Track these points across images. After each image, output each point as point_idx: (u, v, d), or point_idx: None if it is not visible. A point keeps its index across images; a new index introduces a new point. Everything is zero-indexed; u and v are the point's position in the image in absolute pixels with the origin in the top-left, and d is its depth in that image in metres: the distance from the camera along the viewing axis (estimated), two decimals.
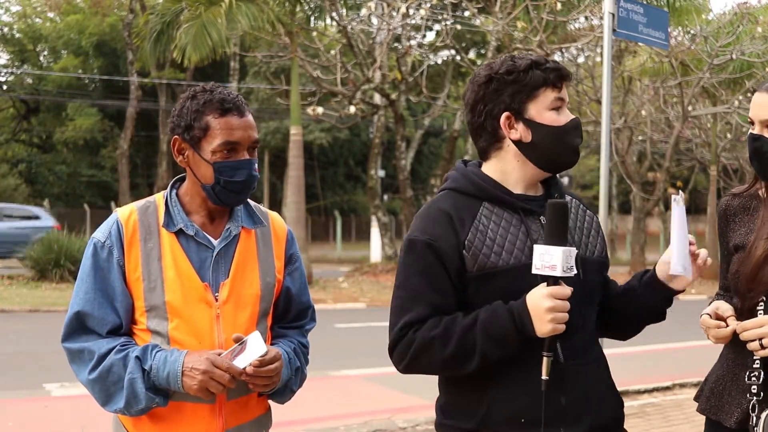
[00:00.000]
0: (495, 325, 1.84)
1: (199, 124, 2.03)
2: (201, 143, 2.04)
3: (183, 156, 2.09)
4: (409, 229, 1.98)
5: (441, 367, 1.93)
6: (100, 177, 35.47)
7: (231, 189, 2.04)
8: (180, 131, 2.06)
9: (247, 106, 2.10)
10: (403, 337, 1.92)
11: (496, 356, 1.85)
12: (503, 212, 1.94)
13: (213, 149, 2.02)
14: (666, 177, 23.17)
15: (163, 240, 2.06)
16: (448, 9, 16.88)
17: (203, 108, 2.03)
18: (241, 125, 2.04)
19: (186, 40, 15.67)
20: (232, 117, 2.03)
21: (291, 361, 2.14)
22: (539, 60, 1.95)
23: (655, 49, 15.44)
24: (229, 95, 2.06)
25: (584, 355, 1.96)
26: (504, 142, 1.96)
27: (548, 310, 1.78)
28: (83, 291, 2.06)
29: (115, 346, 2.00)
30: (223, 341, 2.04)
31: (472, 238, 1.90)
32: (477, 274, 1.88)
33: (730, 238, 2.34)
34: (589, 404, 1.93)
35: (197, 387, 1.93)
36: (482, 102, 1.96)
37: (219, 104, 2.03)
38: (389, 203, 37.14)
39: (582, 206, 2.10)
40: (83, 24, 34.95)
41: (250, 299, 2.10)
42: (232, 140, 2.02)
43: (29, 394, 6.94)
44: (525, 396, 1.87)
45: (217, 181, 2.03)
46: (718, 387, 2.34)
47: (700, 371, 9.27)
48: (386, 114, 21.08)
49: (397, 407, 6.65)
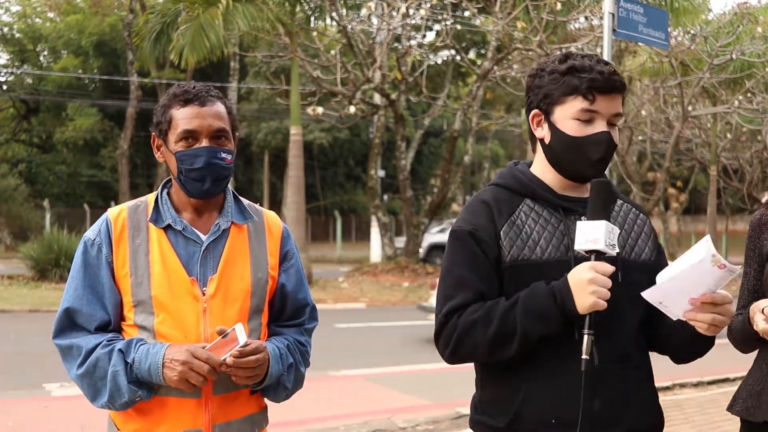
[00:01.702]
0: (535, 301, 1.84)
1: (165, 118, 2.09)
2: (168, 136, 2.09)
3: (159, 152, 2.15)
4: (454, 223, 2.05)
5: (485, 351, 1.90)
6: (100, 177, 35.47)
7: (192, 177, 2.06)
8: (154, 128, 2.13)
9: (218, 97, 2.12)
10: (446, 323, 1.92)
11: (536, 334, 1.84)
12: (544, 210, 1.97)
13: (175, 139, 2.07)
14: (666, 177, 23.14)
15: (151, 235, 2.09)
16: (448, 9, 16.89)
17: (169, 102, 2.09)
18: (200, 114, 2.06)
19: (184, 42, 15.69)
20: (192, 107, 2.06)
21: (282, 357, 2.12)
22: (582, 65, 1.91)
23: (655, 49, 15.44)
24: (194, 88, 2.10)
25: (623, 360, 1.92)
26: (537, 140, 2.03)
27: (590, 281, 1.77)
28: (73, 288, 2.09)
29: (102, 341, 2.02)
30: (210, 335, 2.04)
31: (507, 230, 1.94)
32: (510, 264, 1.92)
33: (765, 245, 2.40)
34: (625, 410, 1.91)
35: (177, 378, 1.93)
36: (527, 94, 2.03)
37: (182, 95, 2.08)
38: (389, 203, 37.13)
39: (634, 209, 2.08)
40: (83, 24, 34.96)
41: (240, 294, 2.10)
42: (190, 128, 2.05)
43: (29, 394, 6.94)
44: (558, 396, 1.87)
45: (180, 170, 2.07)
46: (756, 388, 2.39)
47: (700, 371, 9.25)
48: (386, 114, 21.08)
49: (397, 407, 6.65)
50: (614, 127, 1.94)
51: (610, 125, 1.93)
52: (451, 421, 6.16)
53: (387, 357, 9.15)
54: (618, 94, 1.93)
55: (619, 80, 1.92)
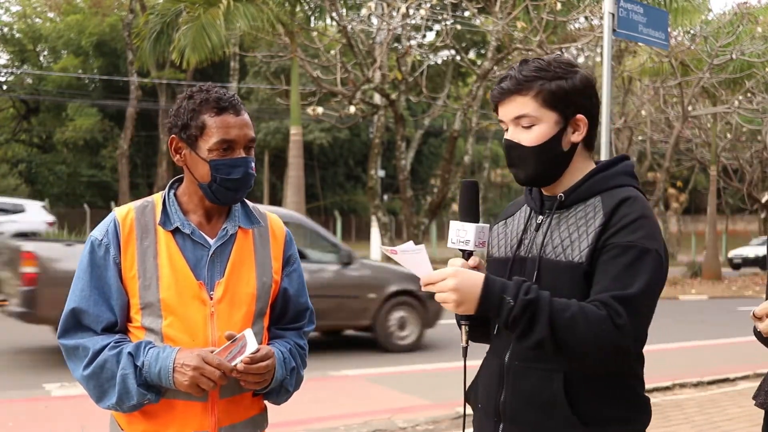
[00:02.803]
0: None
1: (196, 123, 2.05)
2: (198, 142, 2.06)
3: (180, 155, 2.11)
4: None
5: None
6: (100, 177, 35.50)
7: (227, 187, 2.07)
8: (177, 131, 2.09)
9: (244, 105, 2.13)
10: None
11: None
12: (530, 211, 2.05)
13: (209, 147, 2.05)
14: (666, 177, 23.14)
15: (160, 238, 2.08)
16: (448, 9, 16.88)
17: (200, 107, 2.06)
18: (237, 123, 2.06)
19: (185, 42, 15.68)
20: (228, 115, 2.06)
21: (286, 361, 2.14)
22: (503, 75, 1.97)
23: (655, 49, 15.45)
24: (225, 94, 2.08)
25: (535, 360, 1.89)
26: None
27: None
28: (79, 288, 2.08)
29: (110, 342, 2.02)
30: (217, 339, 2.05)
31: (494, 232, 2.10)
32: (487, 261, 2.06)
33: None
34: (531, 410, 1.90)
35: (188, 383, 1.94)
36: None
37: (215, 103, 2.06)
38: (389, 203, 37.15)
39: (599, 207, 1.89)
40: (83, 24, 35.00)
41: (246, 298, 2.11)
42: (228, 138, 2.05)
43: (29, 394, 6.94)
44: (484, 386, 2.03)
45: (214, 179, 2.06)
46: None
47: (700, 371, 9.23)
48: (386, 114, 21.07)
49: (397, 407, 6.65)
50: (520, 128, 1.93)
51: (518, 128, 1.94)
52: (451, 421, 6.16)
53: (387, 357, 9.15)
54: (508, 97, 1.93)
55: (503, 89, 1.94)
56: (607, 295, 1.77)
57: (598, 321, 1.74)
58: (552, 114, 1.89)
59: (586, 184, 1.94)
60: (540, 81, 1.88)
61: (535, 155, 1.91)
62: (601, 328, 1.73)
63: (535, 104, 1.89)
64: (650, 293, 1.79)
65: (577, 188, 1.94)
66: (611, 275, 1.79)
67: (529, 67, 1.91)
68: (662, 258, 1.84)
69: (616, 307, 1.74)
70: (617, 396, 1.89)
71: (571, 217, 1.92)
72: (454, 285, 1.78)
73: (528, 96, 1.90)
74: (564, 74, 1.90)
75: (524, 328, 1.77)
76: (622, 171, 1.97)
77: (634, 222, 1.83)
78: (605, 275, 1.80)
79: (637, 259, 1.79)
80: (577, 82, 1.90)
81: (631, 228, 1.82)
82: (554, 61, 1.93)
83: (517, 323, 1.77)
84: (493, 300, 1.78)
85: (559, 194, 1.94)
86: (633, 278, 1.78)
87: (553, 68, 1.90)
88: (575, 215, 1.92)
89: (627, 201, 1.87)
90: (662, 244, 1.86)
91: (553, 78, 1.89)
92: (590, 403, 1.86)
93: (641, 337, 1.81)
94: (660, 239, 1.86)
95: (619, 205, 1.86)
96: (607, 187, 1.92)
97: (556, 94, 1.88)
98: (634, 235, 1.81)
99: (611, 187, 1.92)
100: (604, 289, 1.79)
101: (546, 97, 1.89)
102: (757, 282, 22.86)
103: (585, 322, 1.74)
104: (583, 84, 1.92)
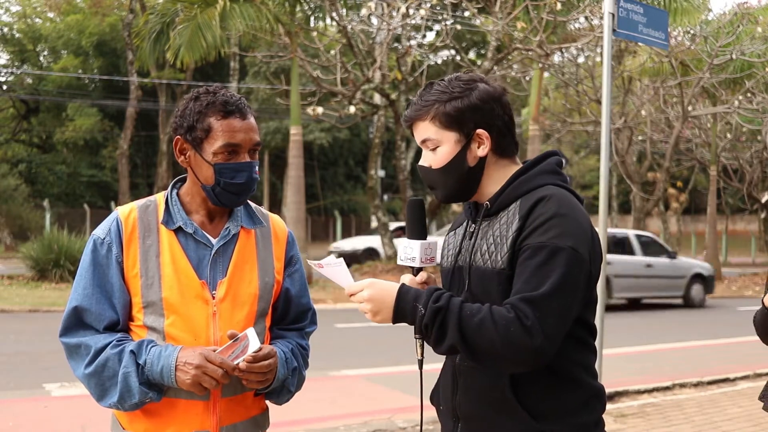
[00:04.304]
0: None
1: (202, 126, 2.05)
2: (203, 144, 2.06)
3: (184, 156, 2.11)
4: None
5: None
6: (100, 177, 35.50)
7: (231, 190, 2.07)
8: (182, 132, 2.09)
9: (250, 108, 2.12)
10: None
11: None
12: (467, 220, 2.09)
13: (214, 150, 2.05)
14: (666, 177, 23.16)
15: (162, 237, 2.09)
16: (448, 9, 16.90)
17: (206, 109, 2.06)
18: (242, 128, 2.06)
19: (180, 42, 15.68)
20: (234, 119, 2.05)
21: (288, 361, 2.15)
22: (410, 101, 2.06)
23: (655, 49, 15.45)
24: (232, 97, 2.08)
25: None
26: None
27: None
28: (81, 286, 2.08)
29: (112, 341, 2.02)
30: (219, 338, 2.05)
31: (444, 242, 2.15)
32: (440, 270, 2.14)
33: None
34: (482, 408, 1.96)
35: (190, 382, 1.94)
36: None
37: (222, 106, 2.05)
38: (389, 203, 37.17)
39: (516, 212, 1.93)
40: (83, 24, 34.98)
41: (248, 298, 2.12)
42: (234, 142, 2.05)
43: (29, 394, 6.94)
44: (442, 387, 2.11)
45: (218, 182, 2.06)
46: None
47: (700, 371, 9.22)
48: (386, 114, 21.09)
49: (397, 407, 6.65)
50: (428, 151, 2.01)
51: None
52: None
53: (387, 357, 9.15)
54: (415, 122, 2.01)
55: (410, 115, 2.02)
56: (517, 298, 1.80)
57: (506, 324, 1.77)
58: (451, 134, 1.95)
59: (507, 190, 1.97)
60: (436, 105, 1.95)
61: (443, 175, 1.98)
62: (510, 330, 1.77)
63: (435, 127, 1.96)
64: (561, 292, 1.80)
65: (499, 196, 1.98)
66: (523, 278, 1.83)
67: (429, 91, 1.98)
68: (579, 253, 1.84)
69: (523, 309, 1.78)
70: (565, 388, 1.92)
71: (495, 224, 1.96)
72: (368, 296, 1.87)
73: (426, 120, 1.97)
74: (460, 93, 1.94)
75: (436, 335, 1.84)
76: (543, 170, 1.99)
77: (548, 221, 1.85)
78: (519, 278, 1.84)
79: (548, 258, 1.81)
80: (473, 99, 1.94)
81: (544, 228, 1.84)
82: (454, 80, 1.98)
83: (429, 330, 1.84)
84: (407, 308, 1.86)
85: (485, 203, 2.00)
86: (543, 278, 1.80)
87: (450, 89, 1.95)
88: (498, 222, 1.95)
89: (541, 201, 1.89)
90: (582, 239, 1.86)
91: (450, 99, 1.94)
92: (538, 397, 1.90)
93: (554, 335, 1.80)
94: (578, 235, 1.85)
95: (533, 207, 1.89)
96: (527, 190, 1.95)
97: (452, 115, 1.94)
98: (545, 235, 1.83)
99: (530, 189, 1.95)
100: (516, 292, 1.83)
101: (442, 119, 1.95)
102: (757, 282, 22.85)
103: (493, 326, 1.78)
104: (481, 99, 1.94)
